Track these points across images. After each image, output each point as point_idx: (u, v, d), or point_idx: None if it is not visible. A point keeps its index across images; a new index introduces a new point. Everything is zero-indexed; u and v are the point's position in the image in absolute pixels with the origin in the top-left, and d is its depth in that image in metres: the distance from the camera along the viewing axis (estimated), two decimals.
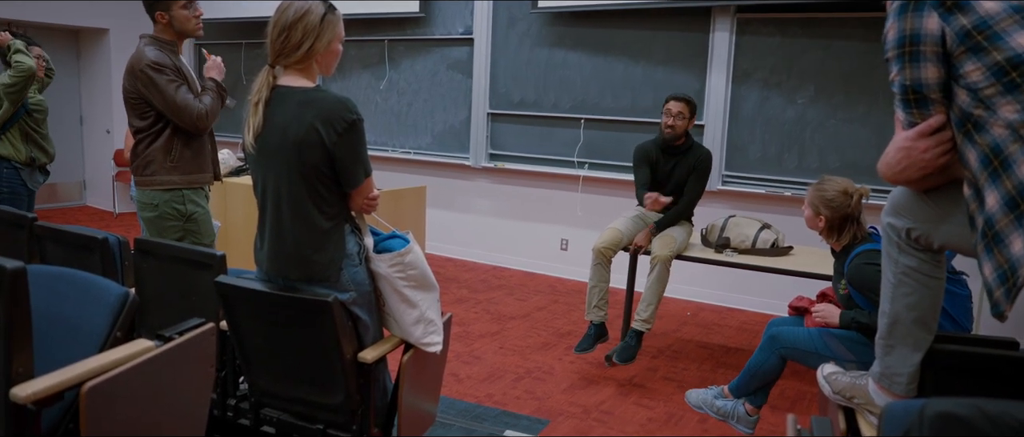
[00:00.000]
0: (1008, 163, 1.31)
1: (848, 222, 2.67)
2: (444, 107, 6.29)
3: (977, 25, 1.35)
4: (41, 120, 4.21)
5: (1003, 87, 1.31)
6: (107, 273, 2.44)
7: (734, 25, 4.96)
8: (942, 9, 1.39)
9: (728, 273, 4.59)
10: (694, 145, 3.88)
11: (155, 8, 2.91)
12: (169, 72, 2.86)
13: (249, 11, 6.93)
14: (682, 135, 3.83)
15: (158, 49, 2.90)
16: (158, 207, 2.94)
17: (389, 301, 2.15)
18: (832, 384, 1.89)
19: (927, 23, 1.41)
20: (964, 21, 1.36)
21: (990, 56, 1.33)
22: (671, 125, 3.78)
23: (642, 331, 3.64)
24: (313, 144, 1.92)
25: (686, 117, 3.80)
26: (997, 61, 1.32)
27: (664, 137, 3.83)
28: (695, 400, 2.97)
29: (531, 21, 5.74)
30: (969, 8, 1.36)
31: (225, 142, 7.48)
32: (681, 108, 3.78)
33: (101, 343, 1.68)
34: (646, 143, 3.97)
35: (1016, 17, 1.32)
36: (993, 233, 1.33)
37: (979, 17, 1.35)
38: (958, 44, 1.37)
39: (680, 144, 3.85)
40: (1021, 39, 1.30)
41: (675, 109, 3.78)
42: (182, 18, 2.94)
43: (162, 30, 2.95)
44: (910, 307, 1.63)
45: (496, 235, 6.27)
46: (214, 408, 2.35)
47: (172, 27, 2.94)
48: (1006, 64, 1.31)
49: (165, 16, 2.92)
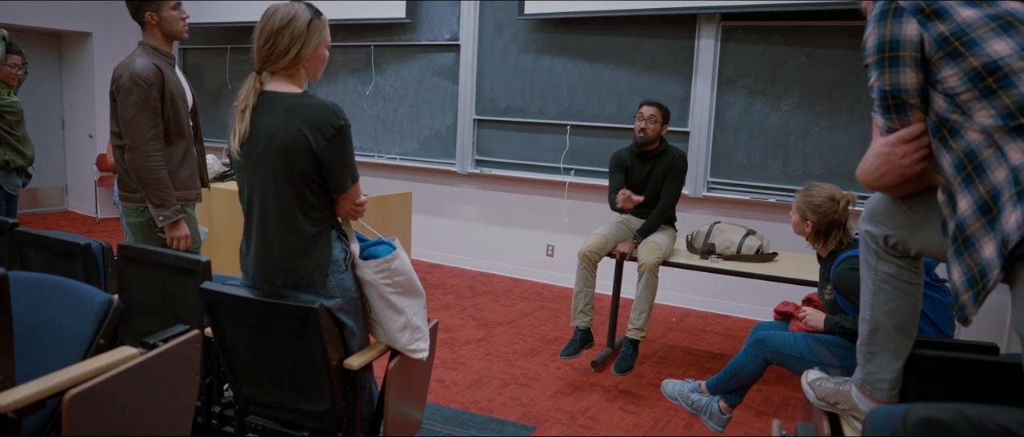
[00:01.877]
0: (982, 168, 1.33)
1: (834, 228, 2.71)
2: (430, 113, 6.29)
3: (954, 32, 1.38)
4: (15, 122, 4.12)
5: (979, 92, 1.34)
6: (90, 280, 2.42)
7: (719, 33, 5.00)
8: (921, 16, 1.42)
9: (713, 279, 4.62)
10: (668, 148, 3.94)
11: (144, 9, 2.82)
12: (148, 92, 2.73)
13: (234, 16, 6.91)
14: (655, 139, 3.90)
15: (152, 59, 2.80)
16: (145, 213, 2.87)
17: (375, 308, 2.14)
18: (816, 390, 1.90)
19: (906, 29, 1.43)
20: (942, 28, 1.39)
21: (967, 62, 1.35)
22: (643, 128, 3.86)
23: (637, 340, 3.66)
24: (301, 150, 1.92)
25: (658, 121, 3.87)
26: (973, 67, 1.34)
27: (636, 141, 3.90)
28: (671, 391, 2.99)
29: (517, 27, 5.76)
30: (947, 15, 1.39)
31: (210, 147, 7.45)
32: (653, 112, 3.86)
33: (84, 350, 1.66)
34: (622, 150, 4.04)
35: (992, 25, 1.35)
36: (964, 237, 1.35)
37: (956, 24, 1.38)
38: (936, 50, 1.40)
39: (653, 149, 3.92)
40: (996, 46, 1.33)
41: (647, 113, 3.86)
42: (171, 19, 2.87)
43: (151, 33, 2.86)
44: (890, 314, 1.64)
45: (482, 241, 6.27)
46: (198, 416, 2.33)
47: (161, 29, 2.86)
48: (982, 70, 1.33)
49: (155, 17, 2.83)
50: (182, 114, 2.90)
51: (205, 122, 8.42)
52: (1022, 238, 1.22)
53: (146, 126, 2.74)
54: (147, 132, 2.75)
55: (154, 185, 2.77)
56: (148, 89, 2.73)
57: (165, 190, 2.79)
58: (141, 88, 2.72)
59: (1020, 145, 1.27)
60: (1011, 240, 1.23)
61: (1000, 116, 1.30)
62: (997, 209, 1.29)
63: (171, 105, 2.83)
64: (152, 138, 2.76)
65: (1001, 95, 1.30)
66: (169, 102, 2.82)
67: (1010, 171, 1.27)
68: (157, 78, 2.77)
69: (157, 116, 2.78)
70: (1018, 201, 1.24)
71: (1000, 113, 1.30)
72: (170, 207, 2.81)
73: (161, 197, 2.78)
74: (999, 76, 1.31)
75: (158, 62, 2.82)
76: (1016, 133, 1.28)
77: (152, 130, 2.76)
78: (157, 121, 2.78)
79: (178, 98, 2.88)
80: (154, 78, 2.76)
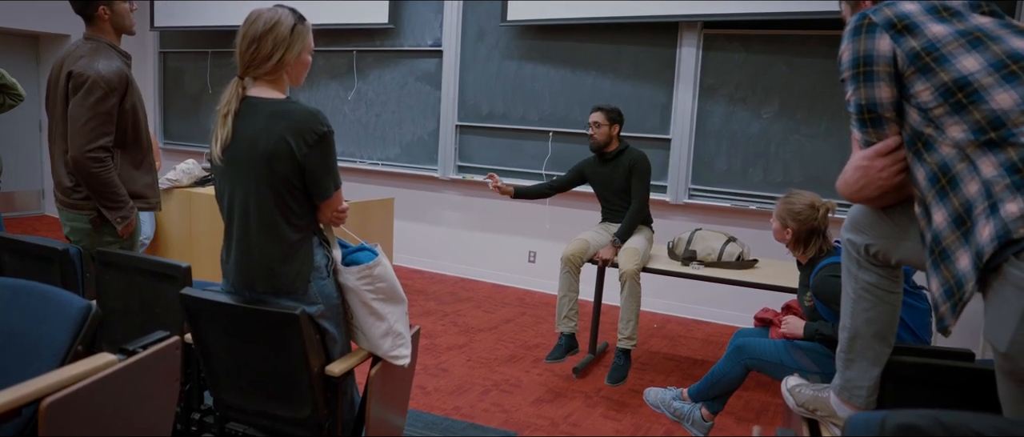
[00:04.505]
0: (955, 181, 1.35)
1: (814, 235, 2.73)
2: (412, 119, 6.28)
3: (925, 47, 1.41)
4: None
5: (950, 107, 1.36)
6: (67, 285, 2.39)
7: (701, 41, 5.04)
8: (893, 31, 1.45)
9: (694, 286, 4.64)
10: (627, 149, 4.02)
11: (96, 3, 2.65)
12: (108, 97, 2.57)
13: (216, 19, 6.86)
14: (607, 142, 4.00)
15: (115, 61, 2.64)
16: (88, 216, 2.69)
17: (357, 314, 2.13)
18: (796, 397, 1.92)
19: (879, 44, 1.46)
20: (914, 43, 1.42)
21: (937, 77, 1.38)
22: (591, 134, 4.00)
23: (628, 349, 3.67)
24: (283, 156, 1.91)
25: (604, 124, 3.97)
26: (944, 82, 1.37)
27: (590, 146, 4.05)
28: (653, 399, 3.01)
29: (500, 34, 5.77)
30: (918, 31, 1.42)
31: (191, 152, 7.39)
32: (597, 117, 3.97)
33: (61, 357, 1.64)
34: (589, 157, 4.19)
35: (961, 41, 1.38)
36: (940, 250, 1.37)
37: (928, 40, 1.41)
38: (908, 64, 1.43)
39: (611, 151, 4.02)
40: (966, 62, 1.36)
41: (593, 118, 3.98)
42: (123, 12, 2.70)
43: (101, 28, 2.69)
44: (869, 322, 1.67)
45: (464, 247, 6.27)
46: (178, 422, 2.31)
47: (112, 23, 2.70)
48: (952, 85, 1.36)
49: (107, 11, 2.67)
50: (142, 120, 2.76)
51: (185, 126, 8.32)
52: (995, 250, 1.24)
53: (98, 132, 2.58)
54: (98, 139, 2.58)
55: (106, 190, 2.63)
56: (109, 95, 2.58)
57: (118, 192, 2.65)
58: (102, 91, 2.57)
59: (991, 159, 1.29)
60: (985, 252, 1.26)
61: (971, 130, 1.33)
62: (971, 222, 1.31)
63: (131, 113, 2.69)
64: (102, 146, 2.60)
65: (972, 110, 1.33)
66: (129, 109, 2.68)
67: (982, 184, 1.30)
68: (122, 83, 2.63)
69: (111, 123, 2.62)
70: (990, 214, 1.26)
71: (971, 128, 1.33)
72: (125, 207, 2.68)
73: (114, 200, 2.66)
74: (969, 92, 1.34)
75: (122, 64, 2.68)
76: (987, 147, 1.30)
77: (104, 138, 2.60)
78: (110, 129, 2.62)
79: (139, 104, 2.75)
80: (118, 83, 2.61)
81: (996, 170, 1.28)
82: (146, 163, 2.83)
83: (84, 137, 2.57)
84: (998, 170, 1.28)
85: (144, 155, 2.81)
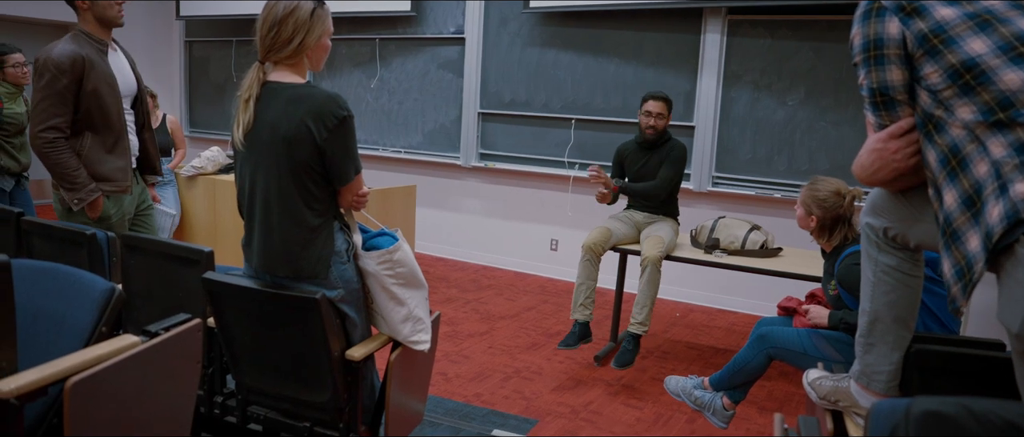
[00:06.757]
0: (965, 162, 1.36)
1: (839, 223, 2.69)
2: (435, 106, 6.29)
3: (933, 29, 1.41)
4: (15, 131, 4.21)
5: (959, 89, 1.37)
6: (94, 269, 2.42)
7: (725, 27, 4.98)
8: (902, 14, 1.46)
9: (717, 274, 4.61)
10: (670, 139, 3.96)
11: None
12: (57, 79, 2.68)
13: (240, 8, 6.90)
14: (664, 133, 3.92)
15: (77, 46, 2.73)
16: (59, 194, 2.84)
17: (377, 299, 2.14)
18: (817, 390, 1.89)
19: (888, 27, 1.48)
20: (922, 25, 1.43)
21: (945, 59, 1.38)
22: (652, 125, 3.87)
23: (639, 334, 3.64)
24: (303, 140, 1.92)
25: (666, 117, 3.88)
26: (952, 64, 1.37)
27: (646, 137, 3.91)
28: (674, 387, 2.98)
29: (522, 21, 5.74)
30: (926, 13, 1.43)
31: (215, 140, 7.46)
32: (660, 108, 3.86)
33: (86, 338, 1.66)
34: (627, 142, 4.08)
35: (969, 23, 1.38)
36: (951, 230, 1.38)
37: (936, 22, 1.41)
38: (917, 46, 1.43)
39: (656, 139, 3.93)
40: (974, 44, 1.36)
41: (655, 109, 3.86)
42: (104, 5, 2.78)
43: (84, 19, 2.80)
44: (890, 305, 1.66)
45: (486, 235, 6.27)
46: (201, 405, 2.34)
47: (93, 14, 2.78)
48: (960, 67, 1.36)
49: (86, 3, 2.77)
50: (109, 104, 2.82)
51: (210, 114, 8.37)
52: (1005, 230, 1.23)
53: (49, 113, 2.70)
54: (49, 120, 2.70)
55: (59, 170, 2.76)
56: (58, 76, 2.68)
57: (72, 173, 2.76)
58: (51, 74, 2.67)
59: (1001, 139, 1.29)
60: (995, 233, 1.25)
61: (980, 112, 1.33)
62: (981, 202, 1.31)
63: (93, 95, 2.76)
64: (52, 126, 2.71)
65: (980, 91, 1.33)
66: (90, 92, 2.75)
67: (992, 165, 1.29)
68: (76, 66, 2.71)
69: (64, 105, 2.72)
70: (1000, 194, 1.26)
71: (980, 109, 1.33)
72: (82, 189, 2.78)
73: (69, 181, 2.77)
74: (977, 73, 1.34)
75: (85, 50, 2.75)
76: (996, 128, 1.30)
77: (56, 118, 2.71)
78: (63, 110, 2.72)
79: (104, 87, 2.80)
80: (70, 65, 2.69)
81: (1005, 150, 1.28)
82: (119, 147, 2.90)
83: (35, 118, 2.72)
84: (1007, 150, 1.28)
85: (116, 138, 2.89)
